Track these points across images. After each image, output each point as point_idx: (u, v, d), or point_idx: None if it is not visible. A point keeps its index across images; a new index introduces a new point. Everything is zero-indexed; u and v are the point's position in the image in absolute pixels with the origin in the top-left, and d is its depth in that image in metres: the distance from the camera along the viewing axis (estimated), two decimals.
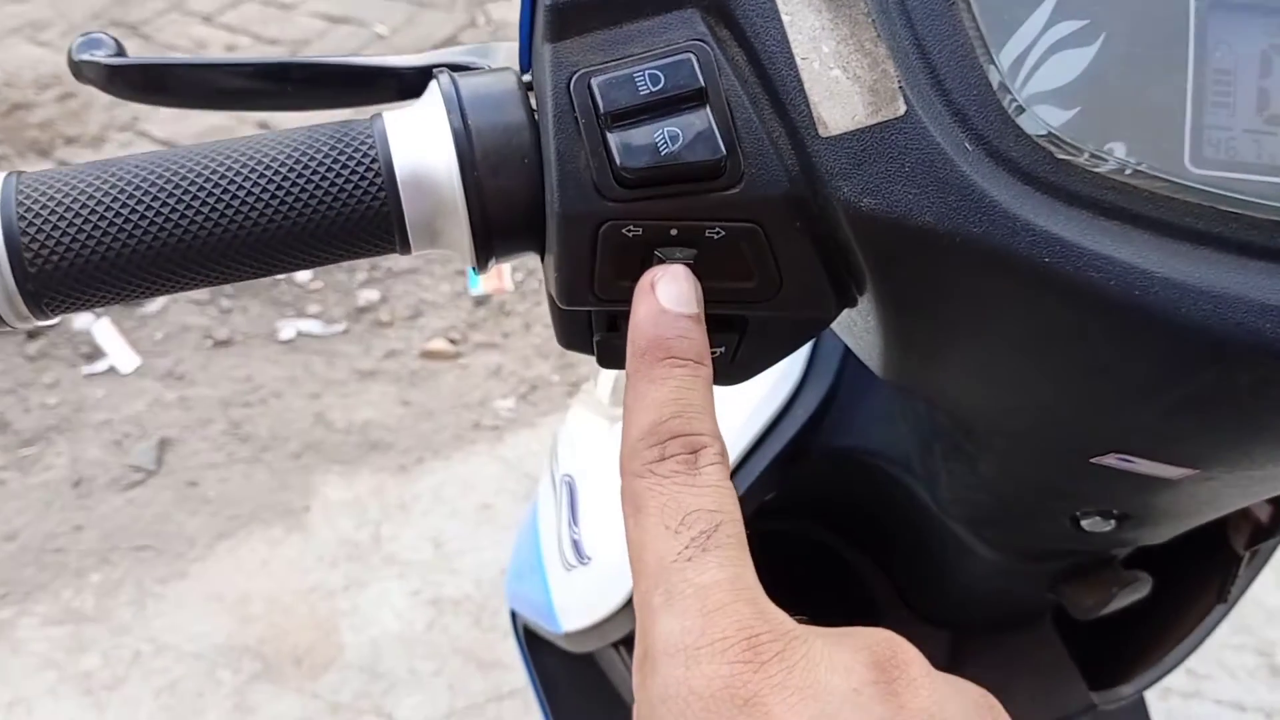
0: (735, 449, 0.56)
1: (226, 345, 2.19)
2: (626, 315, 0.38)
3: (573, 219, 0.34)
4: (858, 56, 0.34)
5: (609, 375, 0.75)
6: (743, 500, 0.55)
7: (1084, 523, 0.47)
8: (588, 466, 0.73)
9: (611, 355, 0.39)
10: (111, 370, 2.13)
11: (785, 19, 0.34)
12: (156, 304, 2.25)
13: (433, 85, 0.37)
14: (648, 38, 0.34)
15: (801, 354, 0.58)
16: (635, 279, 0.36)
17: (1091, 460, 0.41)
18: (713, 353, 0.39)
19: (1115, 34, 0.34)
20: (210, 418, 2.07)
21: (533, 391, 2.10)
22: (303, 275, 2.32)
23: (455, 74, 0.38)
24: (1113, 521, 0.47)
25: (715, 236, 0.35)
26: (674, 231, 0.35)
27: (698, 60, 0.34)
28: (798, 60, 0.34)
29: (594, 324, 0.39)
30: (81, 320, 2.21)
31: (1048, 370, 0.37)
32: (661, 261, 0.35)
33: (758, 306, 0.37)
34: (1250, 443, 0.38)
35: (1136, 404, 0.37)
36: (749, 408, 0.57)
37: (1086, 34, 0.34)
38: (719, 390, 0.42)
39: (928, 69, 0.34)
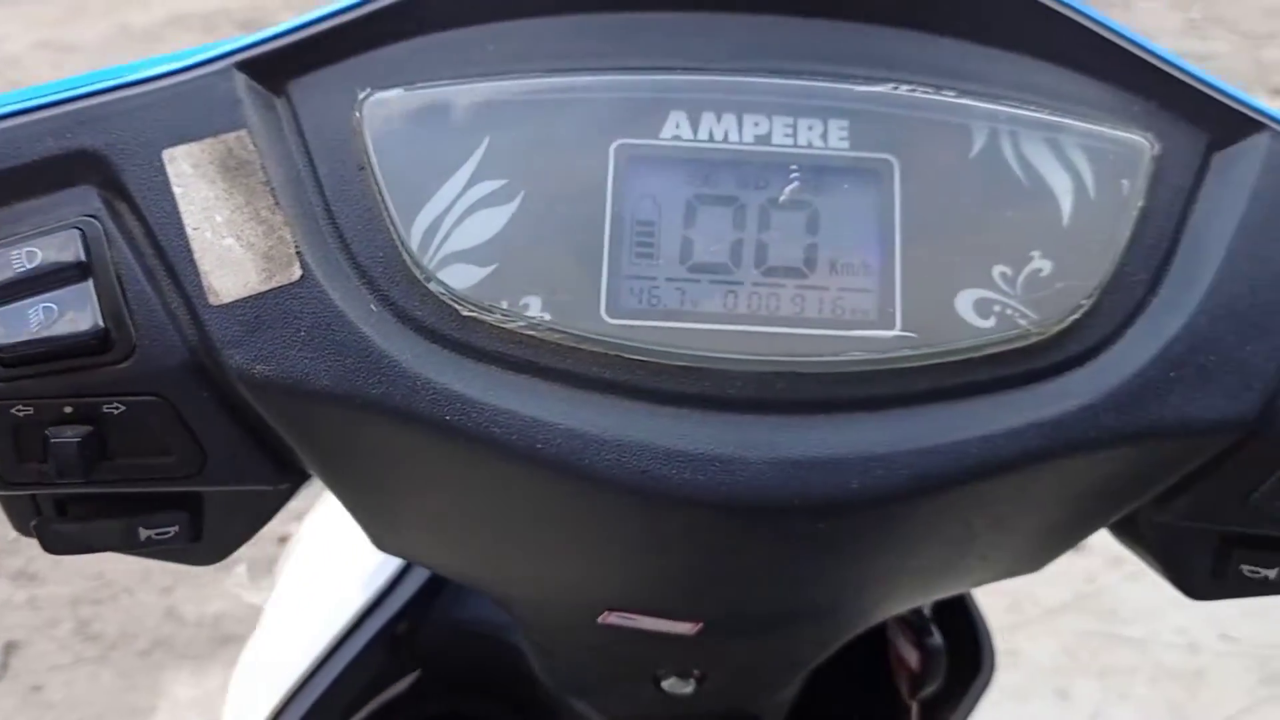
0: (342, 619, 0.54)
1: None
2: (74, 499, 0.37)
3: None
4: (253, 225, 0.34)
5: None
6: (351, 670, 0.53)
7: (664, 684, 0.46)
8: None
9: (57, 541, 0.38)
10: None
11: (177, 191, 0.34)
12: None
13: None
14: (39, 215, 0.34)
15: None
16: (43, 460, 0.34)
17: (599, 620, 0.39)
18: (164, 533, 0.37)
19: (534, 192, 0.35)
20: (59, 617, 1.99)
21: None
22: None
23: None
24: (692, 682, 0.46)
25: (115, 412, 0.34)
26: (68, 409, 0.34)
27: (83, 234, 0.33)
28: (189, 230, 0.33)
29: (40, 508, 0.37)
30: None
31: (497, 527, 0.36)
32: (54, 441, 0.34)
33: (189, 481, 0.36)
34: (722, 589, 0.37)
35: (586, 557, 0.36)
36: (360, 579, 0.55)
37: (505, 193, 0.35)
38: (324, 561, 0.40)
39: (336, 234, 0.34)
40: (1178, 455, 0.35)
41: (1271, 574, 0.39)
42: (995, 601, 1.96)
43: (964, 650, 0.68)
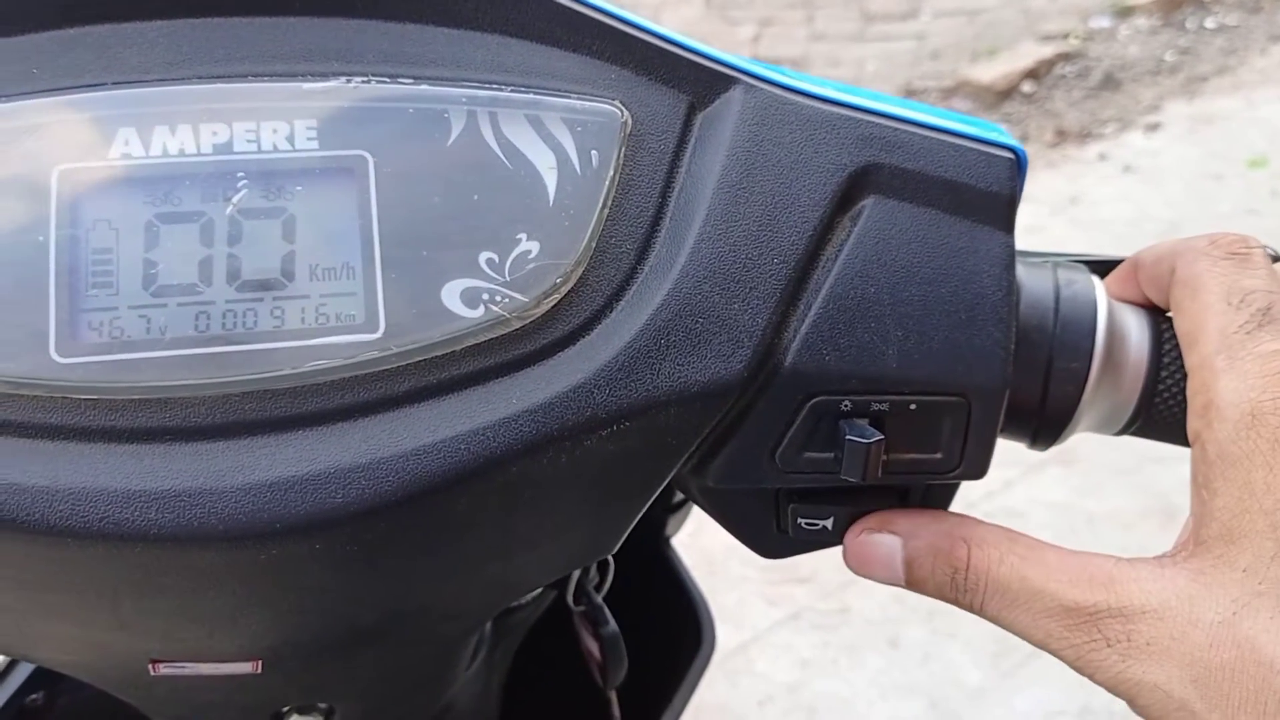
0: None
1: None
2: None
3: None
4: None
5: None
6: None
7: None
8: None
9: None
10: None
11: None
12: None
13: None
14: None
15: None
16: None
17: (154, 674, 0.37)
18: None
19: None
20: None
21: None
22: None
23: None
24: (319, 716, 0.44)
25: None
26: None
27: None
28: None
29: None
30: None
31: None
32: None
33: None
34: (251, 623, 0.35)
35: (91, 613, 0.34)
36: None
37: None
38: None
39: None
40: (685, 422, 0.34)
41: (828, 524, 0.39)
42: (826, 561, 2.00)
43: (683, 628, 0.68)
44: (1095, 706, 1.66)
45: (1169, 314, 0.39)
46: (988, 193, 0.36)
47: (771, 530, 0.40)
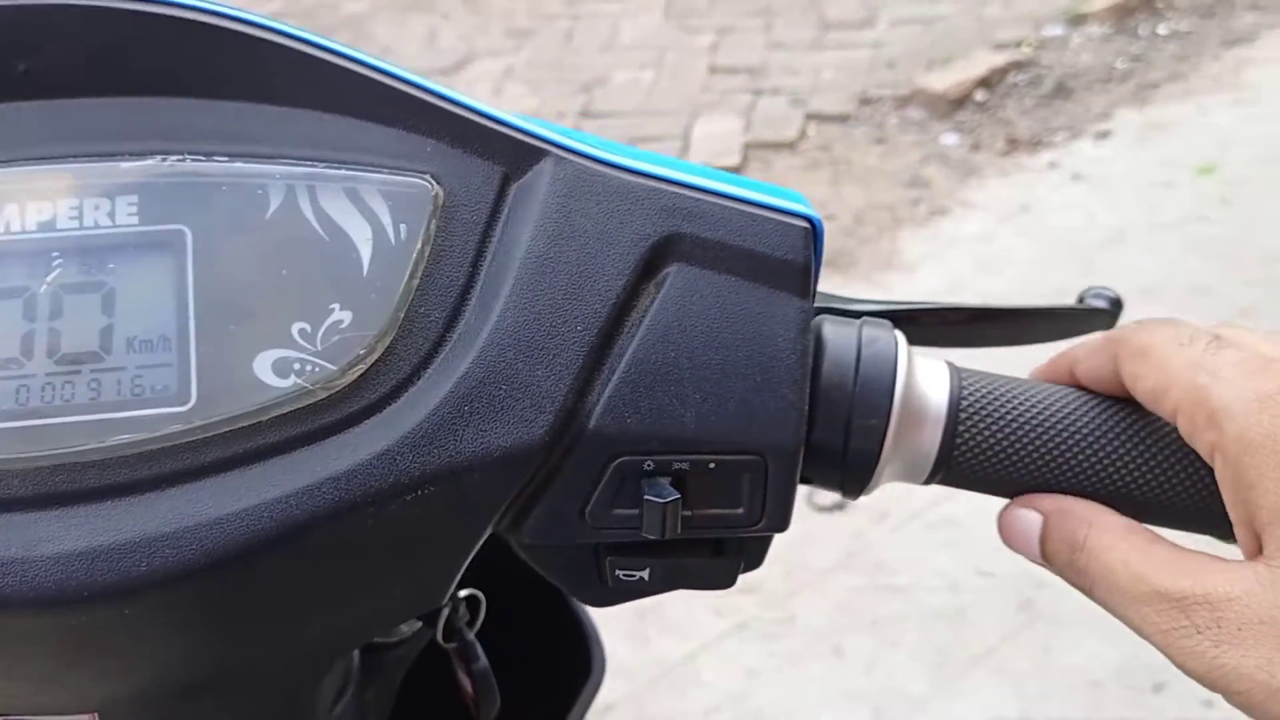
0: None
1: None
2: None
3: None
4: None
5: None
6: None
7: None
8: None
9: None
10: None
11: None
12: None
13: None
14: None
15: None
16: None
17: None
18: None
19: None
20: None
21: None
22: None
23: None
24: None
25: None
26: None
27: None
28: None
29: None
30: None
31: None
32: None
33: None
34: (76, 681, 0.37)
35: None
36: None
37: None
38: None
39: None
40: (490, 485, 0.36)
41: (645, 575, 0.41)
42: (771, 570, 2.02)
43: (571, 656, 0.69)
44: (1036, 715, 1.69)
45: (965, 370, 0.41)
46: (784, 260, 0.38)
47: (594, 581, 0.42)
